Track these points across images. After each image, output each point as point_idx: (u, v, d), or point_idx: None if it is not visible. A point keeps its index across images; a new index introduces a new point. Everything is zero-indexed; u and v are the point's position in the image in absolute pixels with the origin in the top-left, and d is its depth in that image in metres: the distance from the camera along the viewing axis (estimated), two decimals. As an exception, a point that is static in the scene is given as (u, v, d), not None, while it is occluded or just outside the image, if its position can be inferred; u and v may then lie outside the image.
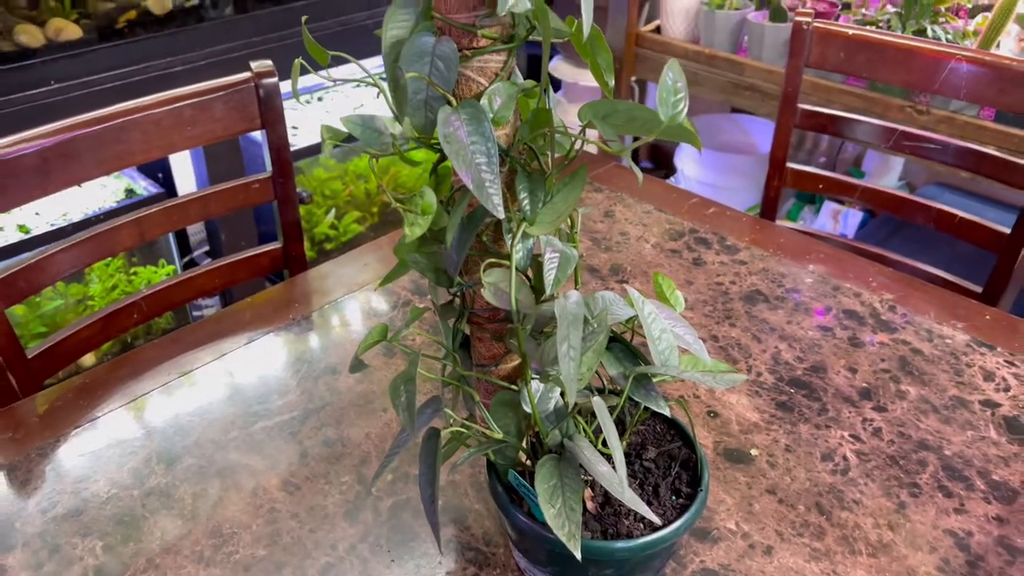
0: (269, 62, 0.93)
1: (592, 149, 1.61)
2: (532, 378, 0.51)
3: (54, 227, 1.49)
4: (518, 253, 0.47)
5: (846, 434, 0.72)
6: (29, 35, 1.30)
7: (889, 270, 0.96)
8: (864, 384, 0.78)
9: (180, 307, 1.18)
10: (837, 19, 1.74)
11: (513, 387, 0.52)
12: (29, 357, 0.82)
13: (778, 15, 1.69)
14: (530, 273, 0.51)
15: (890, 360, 0.81)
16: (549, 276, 0.47)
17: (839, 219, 2.08)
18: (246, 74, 0.92)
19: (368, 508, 0.65)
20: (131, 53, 1.39)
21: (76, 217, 1.49)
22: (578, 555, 0.45)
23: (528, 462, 0.54)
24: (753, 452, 0.70)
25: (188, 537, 0.63)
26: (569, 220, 0.52)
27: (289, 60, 1.63)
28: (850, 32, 1.09)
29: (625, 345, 0.54)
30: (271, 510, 0.65)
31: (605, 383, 0.56)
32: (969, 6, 1.54)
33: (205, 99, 0.89)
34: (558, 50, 2.32)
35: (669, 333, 0.52)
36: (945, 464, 0.69)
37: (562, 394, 0.52)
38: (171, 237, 1.62)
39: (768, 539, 0.62)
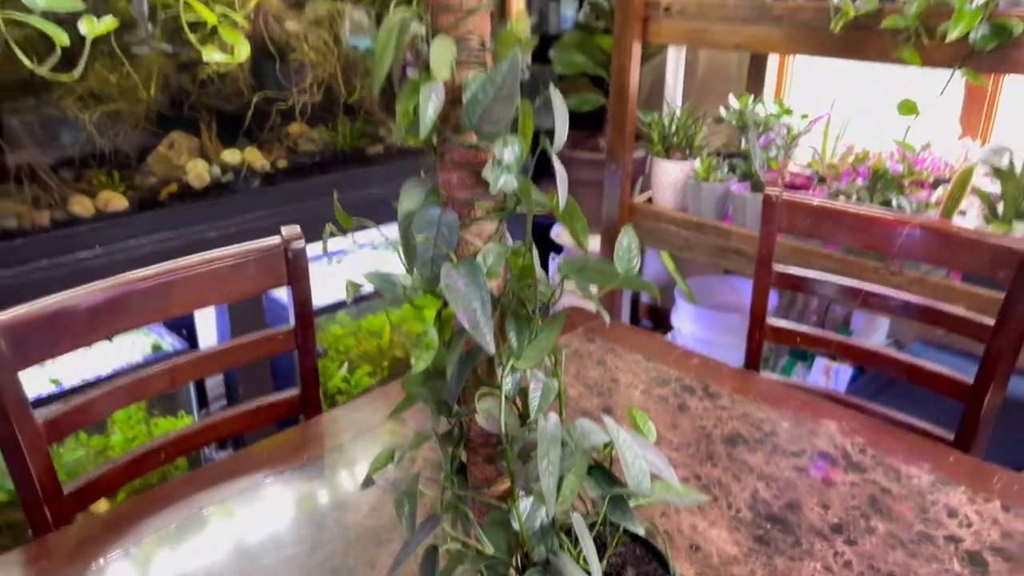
0: (297, 227, 1.06)
1: (592, 307, 1.72)
2: (520, 497, 0.58)
3: (85, 381, 1.58)
4: (507, 384, 0.56)
5: (819, 565, 0.77)
6: (81, 206, 1.45)
7: (861, 416, 1.04)
8: (836, 519, 0.83)
9: (198, 451, 1.24)
10: (813, 191, 1.90)
11: (504, 506, 0.59)
12: (65, 493, 0.89)
13: (758, 186, 1.85)
14: (518, 402, 0.59)
15: (860, 498, 0.87)
16: (533, 403, 0.56)
17: (830, 374, 2.15)
18: (277, 239, 1.04)
19: (371, 631, 0.70)
20: (170, 220, 1.54)
21: (105, 371, 1.59)
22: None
23: (517, 578, 0.60)
24: (721, 584, 0.75)
25: (203, 657, 0.67)
26: (553, 357, 0.61)
27: (309, 226, 1.78)
28: (814, 203, 1.22)
29: (604, 471, 0.61)
30: (280, 632, 0.70)
31: (588, 508, 0.63)
32: (931, 180, 1.69)
33: (240, 261, 1.01)
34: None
35: (641, 459, 0.59)
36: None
37: (547, 512, 0.58)
38: (191, 388, 1.71)
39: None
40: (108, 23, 1.23)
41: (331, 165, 1.77)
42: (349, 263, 2.14)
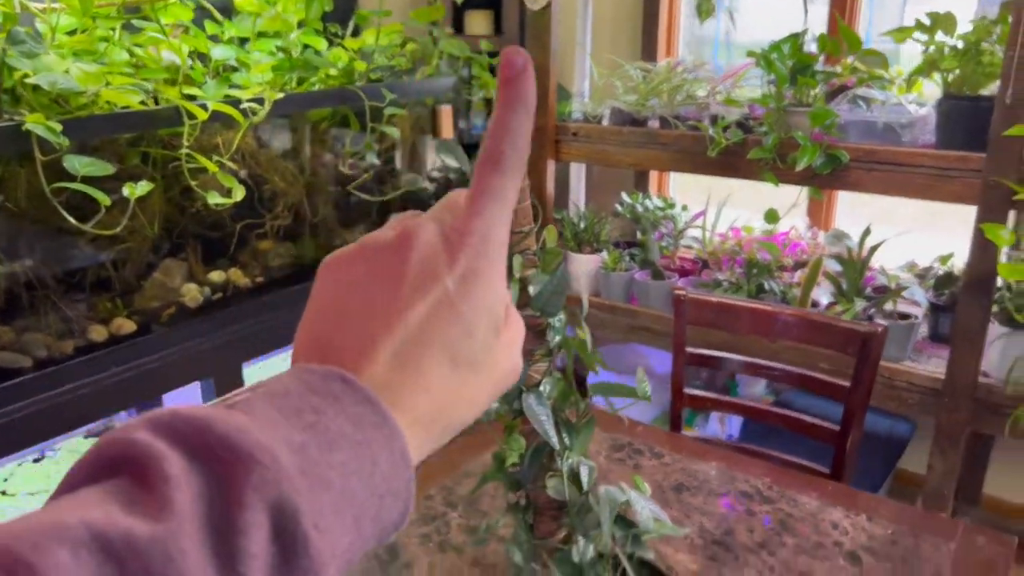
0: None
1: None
2: (577, 540, 0.89)
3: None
4: (566, 467, 0.87)
5: (754, 572, 1.12)
6: (98, 332, 1.66)
7: (764, 462, 1.40)
8: (759, 539, 1.19)
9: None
10: (699, 274, 2.33)
11: (565, 547, 0.90)
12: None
13: (657, 275, 2.25)
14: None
15: (773, 522, 1.23)
16: (585, 479, 0.88)
17: (725, 422, 2.56)
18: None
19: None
20: (172, 338, 1.76)
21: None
22: (620, 636, 0.81)
23: (573, 596, 0.91)
24: (698, 589, 1.08)
25: None
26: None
27: (288, 329, 2.03)
28: (713, 300, 1.61)
29: (624, 518, 0.93)
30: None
31: (617, 547, 0.94)
32: (791, 263, 2.14)
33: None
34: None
35: (647, 508, 0.92)
36: (816, 583, 1.09)
37: (597, 552, 0.90)
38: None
39: (717, 639, 0.99)
40: (145, 186, 1.48)
41: (300, 276, 2.04)
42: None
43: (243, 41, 1.99)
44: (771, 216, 1.89)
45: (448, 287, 0.35)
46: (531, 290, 0.87)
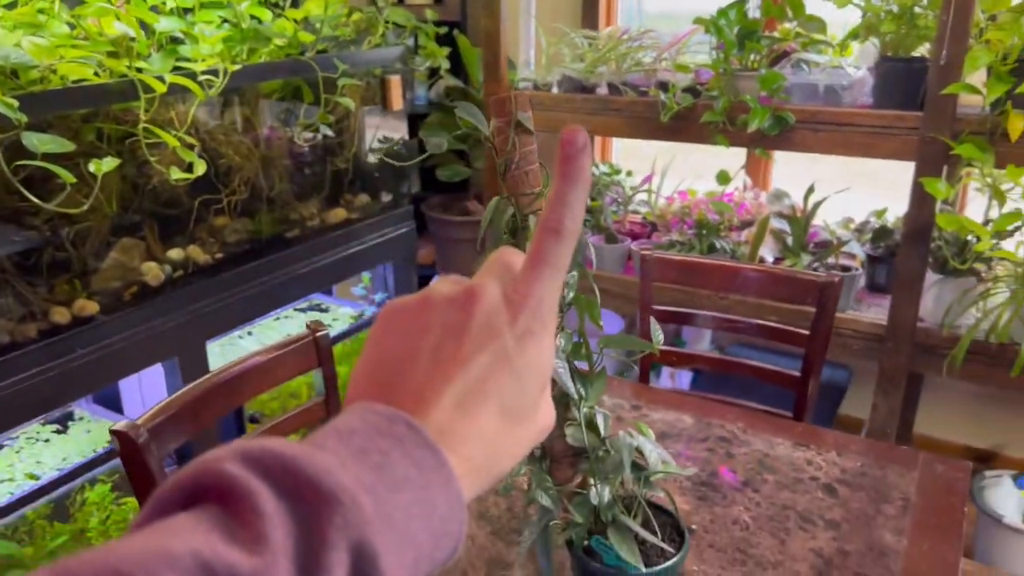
0: (320, 320, 1.34)
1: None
2: (594, 484, 0.94)
3: (61, 472, 1.72)
4: (584, 412, 0.92)
5: (741, 508, 1.19)
6: (61, 315, 1.61)
7: (736, 409, 1.49)
8: (743, 478, 1.26)
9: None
10: (650, 237, 2.40)
11: (583, 492, 0.95)
12: None
13: (611, 239, 2.31)
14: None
15: (753, 462, 1.31)
16: (601, 426, 0.92)
17: (675, 378, 2.67)
18: (306, 331, 1.32)
19: (479, 599, 1.02)
20: (135, 318, 1.73)
21: (78, 461, 1.74)
22: (643, 568, 0.87)
23: (589, 537, 0.96)
24: (693, 526, 1.15)
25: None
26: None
27: (252, 303, 2.01)
28: (678, 259, 1.68)
29: (637, 464, 0.99)
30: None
31: (630, 488, 1.00)
32: (738, 223, 2.23)
33: (281, 353, 1.28)
34: (437, 271, 2.84)
35: (655, 452, 0.97)
36: (799, 514, 1.18)
37: (613, 495, 0.95)
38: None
39: (711, 566, 1.06)
40: (111, 162, 1.44)
41: (260, 251, 2.01)
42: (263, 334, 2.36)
43: (185, 12, 1.93)
44: (723, 178, 1.97)
45: (508, 344, 0.37)
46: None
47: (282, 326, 2.42)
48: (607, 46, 2.24)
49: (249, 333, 2.35)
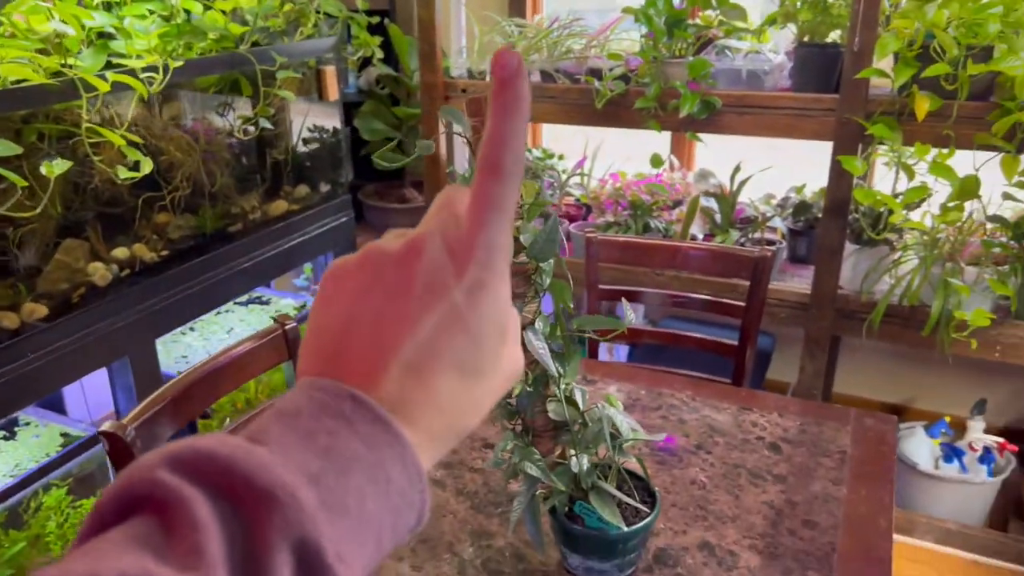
0: (288, 313, 1.37)
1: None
2: (572, 455, 1.01)
3: (16, 479, 1.70)
4: (563, 389, 0.99)
5: (697, 469, 1.29)
6: (9, 320, 1.59)
7: (682, 379, 1.59)
8: (696, 442, 1.37)
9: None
10: (585, 218, 2.49)
11: (564, 462, 1.03)
12: None
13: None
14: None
15: (703, 426, 1.41)
16: (580, 400, 1.00)
17: (612, 352, 2.78)
18: (275, 325, 1.36)
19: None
20: (85, 320, 1.71)
21: (31, 467, 1.72)
22: (624, 527, 0.96)
23: (570, 504, 1.04)
24: (656, 490, 1.25)
25: (374, 609, 1.02)
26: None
27: (199, 298, 2.01)
28: (621, 240, 1.77)
29: (611, 433, 1.07)
30: (412, 584, 1.06)
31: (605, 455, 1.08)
32: (669, 203, 2.35)
33: (255, 346, 1.31)
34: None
35: (625, 422, 1.06)
36: (749, 472, 1.29)
37: (591, 463, 1.03)
38: (109, 468, 1.86)
39: (676, 523, 1.16)
40: (62, 164, 1.43)
41: (205, 247, 2.01)
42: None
43: (108, 6, 1.90)
44: (656, 161, 2.08)
45: (456, 299, 0.35)
46: (523, 239, 0.98)
47: (224, 320, 2.41)
48: (539, 34, 2.31)
49: (192, 329, 2.34)
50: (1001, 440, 2.11)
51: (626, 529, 1.00)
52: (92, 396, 2.19)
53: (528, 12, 2.71)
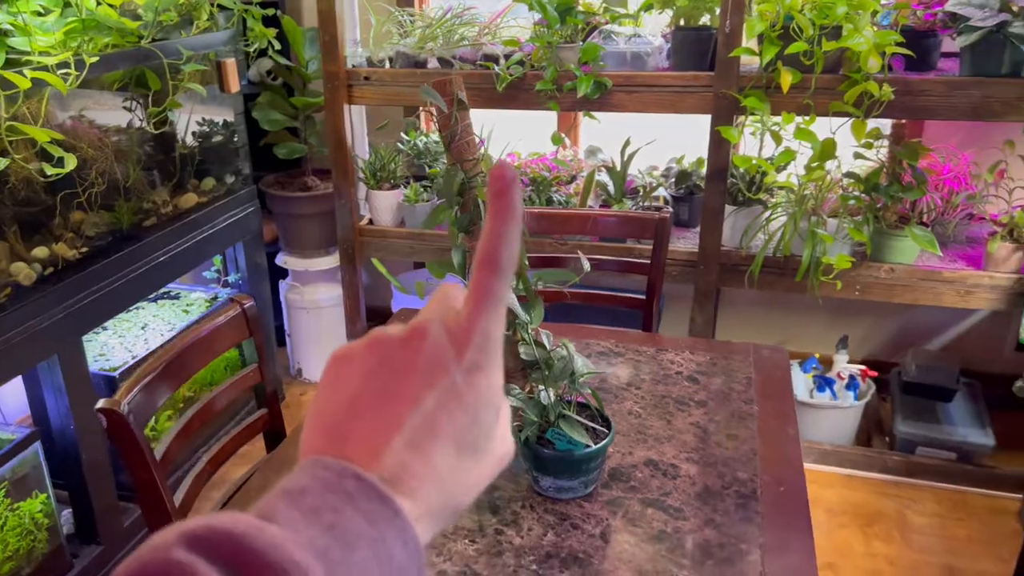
0: (246, 295, 1.45)
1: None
2: (541, 389, 1.17)
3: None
4: (531, 334, 1.14)
5: (631, 402, 1.48)
6: (-60, 323, 1.57)
7: (602, 330, 1.78)
8: (627, 381, 1.55)
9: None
10: (487, 196, 2.64)
11: (534, 396, 1.18)
12: None
13: (455, 200, 2.52)
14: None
15: (632, 367, 1.60)
16: (546, 341, 1.15)
17: (517, 324, 2.95)
18: (233, 305, 1.43)
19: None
20: (13, 320, 1.70)
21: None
22: (592, 445, 1.12)
23: (540, 434, 1.19)
24: (608, 416, 1.42)
25: None
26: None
27: (121, 292, 2.01)
28: (537, 211, 1.93)
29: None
30: None
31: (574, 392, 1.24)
32: (566, 178, 2.53)
33: (216, 327, 1.38)
34: (281, 247, 2.90)
35: (579, 360, 1.22)
36: (675, 400, 1.49)
37: (557, 397, 1.18)
38: (44, 467, 1.85)
39: (622, 447, 1.34)
40: (2, 161, 1.43)
41: (122, 242, 2.02)
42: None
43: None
44: (556, 139, 2.25)
45: (456, 380, 0.37)
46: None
47: (136, 317, 2.40)
48: (435, 23, 2.43)
49: (104, 328, 2.32)
50: (863, 368, 2.44)
51: (592, 447, 1.17)
52: (8, 394, 2.15)
53: (415, 2, 2.81)
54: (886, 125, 2.30)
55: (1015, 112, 1.96)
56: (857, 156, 2.12)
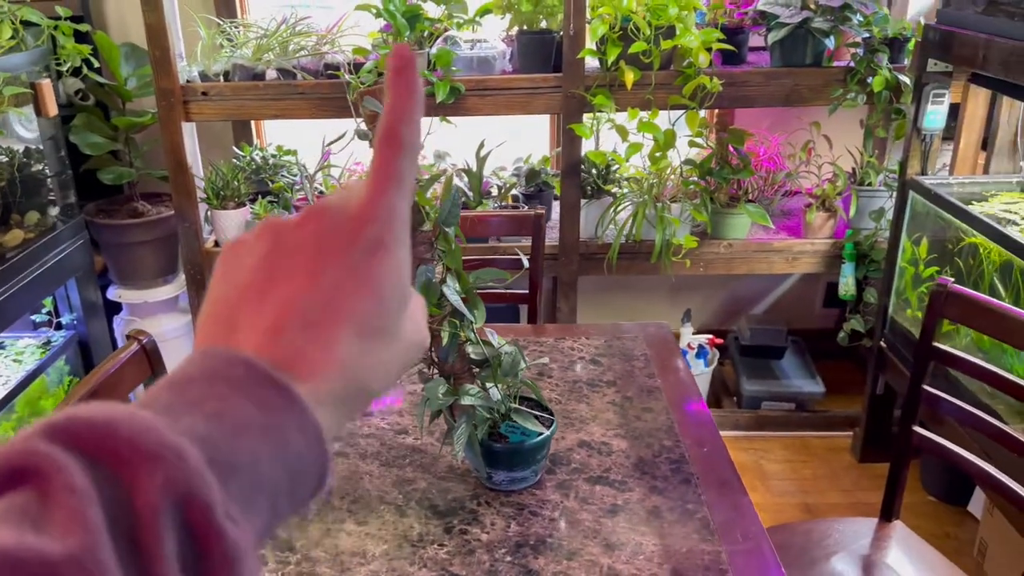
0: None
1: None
2: (489, 387, 1.20)
3: None
4: (475, 329, 1.17)
5: (547, 390, 1.54)
6: None
7: (495, 326, 1.82)
8: (536, 371, 1.61)
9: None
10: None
11: (483, 392, 1.20)
12: None
13: (309, 214, 2.46)
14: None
15: (535, 358, 1.66)
16: (494, 339, 1.18)
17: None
18: (131, 342, 1.33)
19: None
20: None
21: None
22: (546, 432, 1.17)
23: (490, 430, 1.22)
24: (548, 405, 1.47)
25: None
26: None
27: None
28: (414, 216, 1.94)
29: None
30: (366, 536, 1.17)
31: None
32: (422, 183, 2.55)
33: (118, 366, 1.28)
34: (112, 280, 2.67)
35: (516, 355, 1.27)
36: (587, 383, 1.57)
37: (509, 394, 1.22)
38: None
39: (556, 433, 1.40)
40: None
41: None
42: None
43: None
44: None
45: (355, 258, 0.35)
46: (430, 211, 1.13)
47: None
48: (270, 34, 2.35)
49: None
50: (710, 337, 2.67)
51: (545, 433, 1.21)
52: None
53: (238, 13, 2.70)
54: (708, 115, 2.53)
55: (820, 97, 2.24)
56: (692, 144, 2.32)
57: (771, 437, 2.62)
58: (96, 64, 2.37)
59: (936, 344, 1.49)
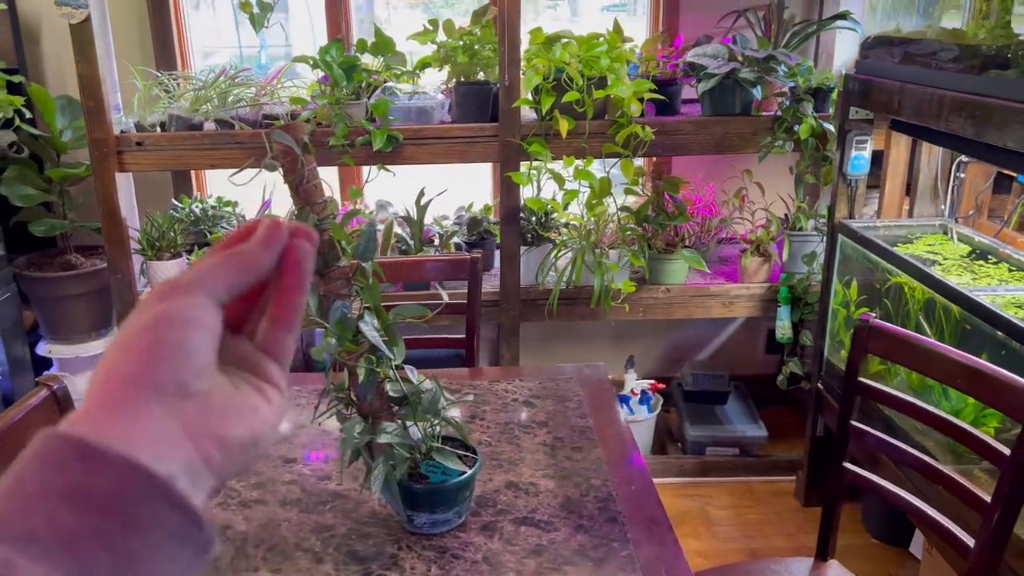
0: (56, 372, 1.31)
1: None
2: (410, 425, 1.18)
3: None
4: (395, 370, 1.16)
5: (478, 433, 1.52)
6: None
7: (430, 371, 1.80)
8: (470, 413, 1.59)
9: None
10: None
11: (403, 430, 1.18)
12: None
13: (247, 264, 2.43)
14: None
15: (473, 399, 1.64)
16: (413, 377, 1.17)
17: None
18: (42, 388, 1.28)
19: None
20: None
21: None
22: (469, 471, 1.15)
23: (410, 471, 1.20)
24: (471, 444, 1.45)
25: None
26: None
27: None
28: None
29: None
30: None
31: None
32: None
33: (25, 415, 1.23)
34: (43, 335, 2.59)
35: (437, 392, 1.25)
36: (519, 425, 1.55)
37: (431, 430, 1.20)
38: None
39: (481, 475, 1.38)
40: None
41: None
42: None
43: None
44: (355, 193, 2.26)
45: (141, 316, 0.38)
46: (347, 247, 1.12)
47: None
48: (209, 85, 2.36)
49: None
50: (652, 382, 2.67)
51: (468, 473, 1.19)
52: None
53: (178, 63, 2.71)
54: (646, 164, 2.58)
55: (750, 145, 2.31)
56: (628, 191, 2.36)
57: (716, 483, 2.61)
58: (29, 115, 2.34)
59: (861, 379, 1.51)
